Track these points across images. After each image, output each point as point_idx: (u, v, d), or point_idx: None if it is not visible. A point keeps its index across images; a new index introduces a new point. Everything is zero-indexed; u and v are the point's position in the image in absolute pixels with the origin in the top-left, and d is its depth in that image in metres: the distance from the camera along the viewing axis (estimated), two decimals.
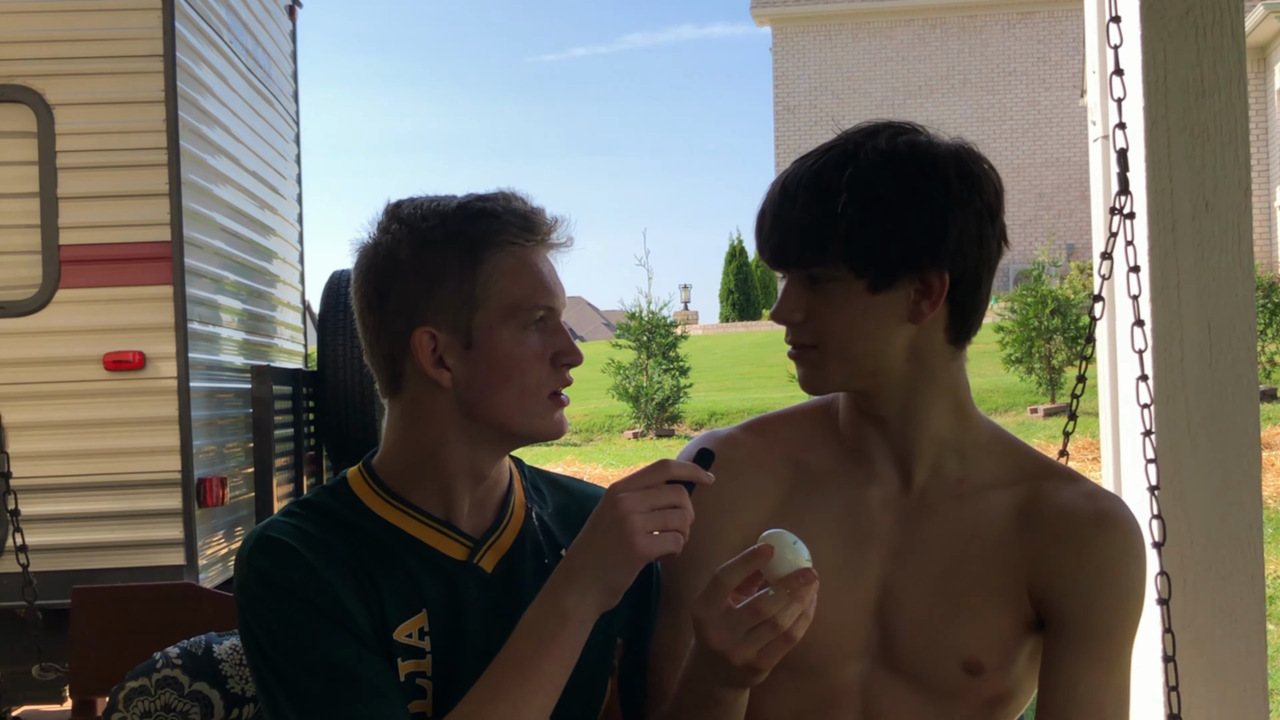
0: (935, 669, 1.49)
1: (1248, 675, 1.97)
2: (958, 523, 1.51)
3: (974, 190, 1.46)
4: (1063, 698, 1.46)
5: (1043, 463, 1.55)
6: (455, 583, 1.47)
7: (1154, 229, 1.98)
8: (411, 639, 1.44)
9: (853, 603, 1.50)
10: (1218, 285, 1.97)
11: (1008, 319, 13.14)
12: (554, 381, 1.47)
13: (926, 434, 1.51)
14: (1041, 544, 1.49)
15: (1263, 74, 19.41)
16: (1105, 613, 1.48)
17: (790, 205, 1.44)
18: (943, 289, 1.44)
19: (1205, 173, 1.98)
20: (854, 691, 1.51)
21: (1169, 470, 1.98)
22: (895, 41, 29.78)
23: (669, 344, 14.23)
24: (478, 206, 1.46)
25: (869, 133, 1.46)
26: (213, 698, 1.66)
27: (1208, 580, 1.98)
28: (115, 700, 1.67)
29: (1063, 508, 1.49)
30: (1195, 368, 1.97)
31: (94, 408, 4.41)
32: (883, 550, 1.51)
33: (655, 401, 13.73)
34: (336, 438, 6.05)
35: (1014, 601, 1.49)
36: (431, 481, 1.49)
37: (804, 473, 1.55)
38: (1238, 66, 1.98)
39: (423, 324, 1.45)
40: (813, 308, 1.46)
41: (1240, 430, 1.98)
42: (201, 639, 1.71)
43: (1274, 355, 11.98)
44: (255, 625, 1.42)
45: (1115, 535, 1.49)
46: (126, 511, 4.36)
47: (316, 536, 1.44)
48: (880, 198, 1.42)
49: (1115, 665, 1.48)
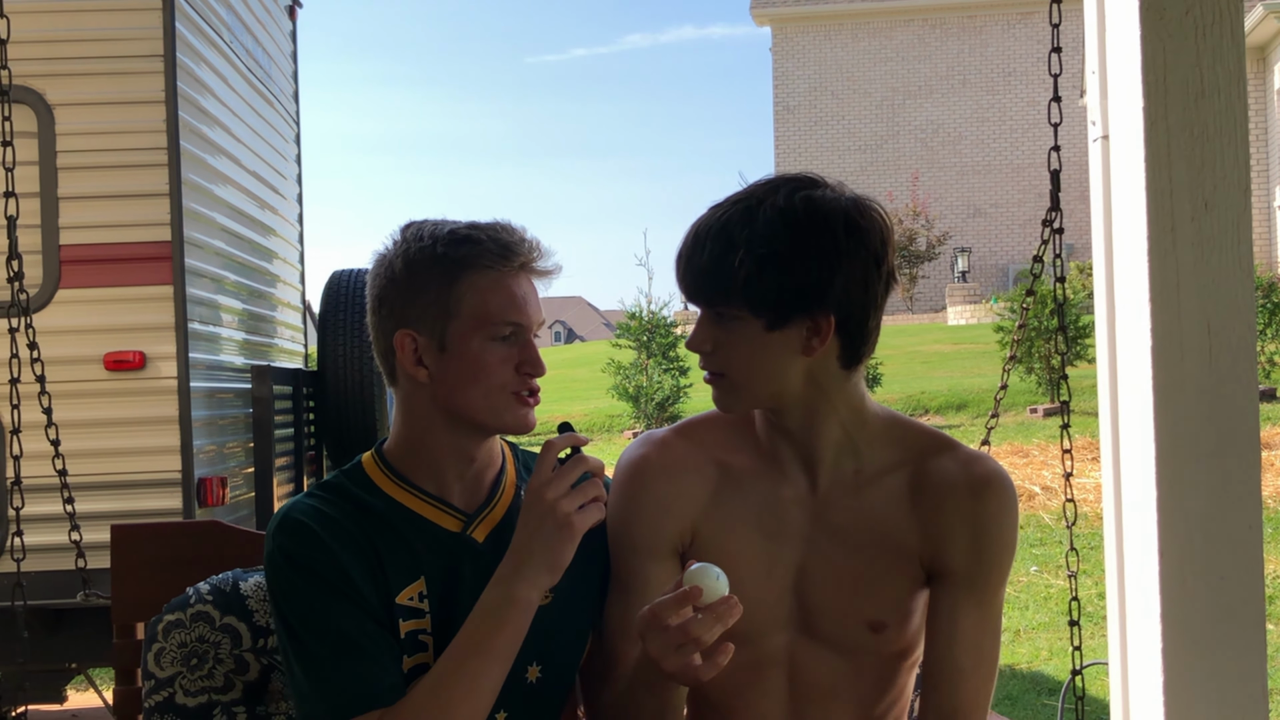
0: (846, 632, 1.77)
1: (1248, 675, 1.97)
2: (857, 510, 1.76)
3: (860, 243, 1.66)
4: (946, 636, 1.75)
5: (926, 437, 1.81)
6: (450, 552, 1.73)
7: (1153, 229, 1.98)
8: (412, 601, 1.70)
9: (773, 583, 1.76)
10: (1218, 285, 1.97)
11: (1008, 319, 13.14)
12: (517, 384, 1.71)
13: (825, 442, 1.75)
14: (929, 513, 1.75)
15: (1263, 74, 19.42)
16: (983, 564, 1.75)
17: (700, 252, 1.66)
18: (829, 329, 1.67)
19: (1205, 173, 1.98)
20: (780, 655, 1.78)
21: (1168, 470, 1.98)
22: (895, 41, 29.78)
23: (669, 344, 14.23)
24: (464, 233, 1.70)
25: (771, 188, 1.68)
26: (241, 629, 1.87)
27: (1208, 580, 1.97)
28: (154, 631, 1.88)
29: (944, 479, 1.76)
30: (1195, 368, 1.97)
31: (94, 408, 4.41)
32: (796, 539, 1.77)
33: (655, 401, 13.74)
34: (336, 437, 6.05)
35: (908, 568, 1.76)
36: (425, 462, 1.75)
37: (727, 473, 1.80)
38: (1238, 66, 1.98)
39: (405, 327, 1.71)
40: (719, 340, 1.69)
41: (1240, 430, 1.98)
42: (229, 575, 1.92)
43: (1274, 355, 11.99)
44: (277, 592, 1.68)
45: (989, 497, 1.75)
46: (127, 511, 4.35)
47: (332, 516, 1.70)
48: (775, 252, 1.63)
49: (990, 606, 1.77)
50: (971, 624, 1.75)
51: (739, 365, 1.69)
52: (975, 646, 1.75)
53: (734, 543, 1.76)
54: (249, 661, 1.86)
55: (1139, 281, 2.00)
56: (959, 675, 1.74)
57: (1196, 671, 1.97)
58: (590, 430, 14.28)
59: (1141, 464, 2.00)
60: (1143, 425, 2.00)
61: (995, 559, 1.76)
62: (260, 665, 1.87)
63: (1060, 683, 5.61)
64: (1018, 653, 6.14)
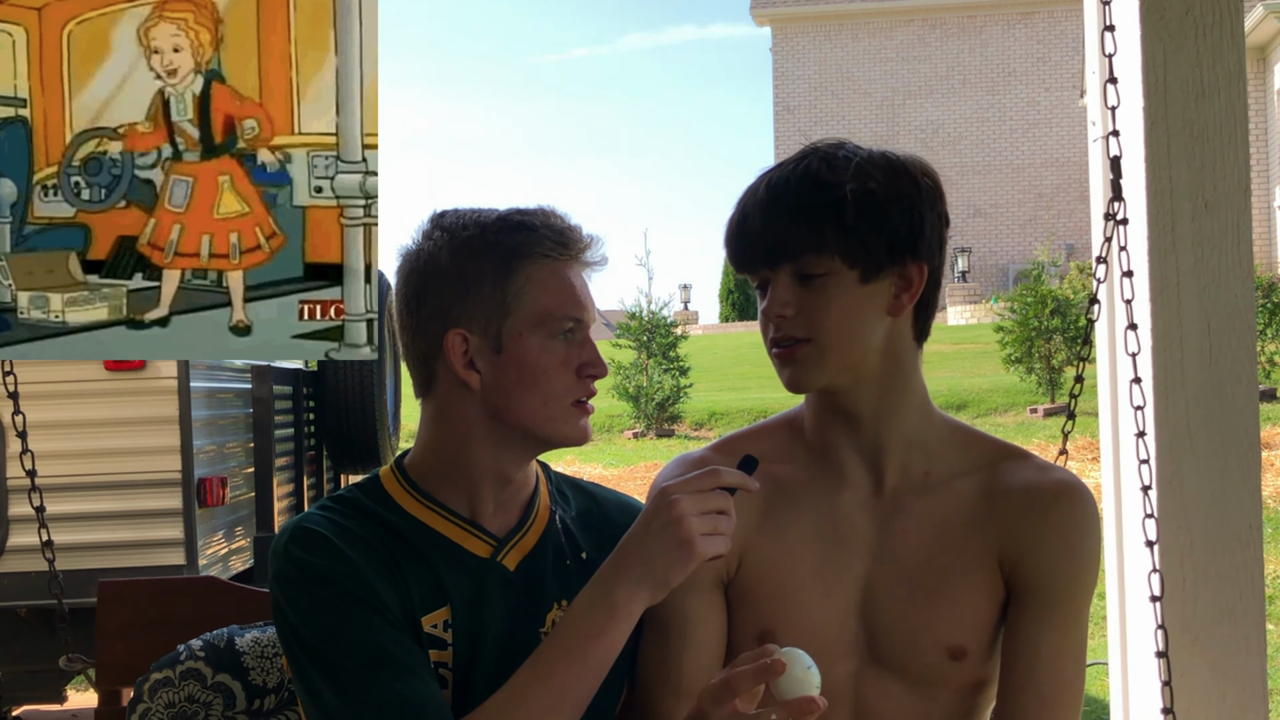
0: (920, 659, 1.56)
1: (1248, 675, 1.97)
2: (928, 515, 1.58)
3: (937, 195, 1.56)
4: (1027, 659, 1.55)
5: (997, 446, 1.64)
6: (478, 579, 1.54)
7: (1153, 229, 1.98)
8: (436, 629, 1.51)
9: (836, 605, 1.56)
10: (1218, 285, 1.98)
11: (1008, 319, 13.13)
12: (578, 390, 1.54)
13: (897, 432, 1.58)
14: (1007, 521, 1.57)
15: (1263, 74, 19.41)
16: (1066, 578, 1.56)
17: (783, 205, 1.51)
18: (921, 281, 1.54)
19: (1205, 173, 1.98)
20: (845, 689, 1.56)
21: (1168, 470, 1.99)
22: (895, 41, 29.78)
23: (669, 344, 14.22)
24: (516, 219, 1.53)
25: (834, 145, 1.55)
26: (235, 689, 1.71)
27: (1208, 580, 1.98)
28: (140, 691, 1.72)
29: (1022, 484, 1.58)
30: (1195, 368, 1.98)
31: (94, 408, 4.41)
32: (860, 551, 1.57)
33: (655, 401, 13.73)
34: (336, 438, 6.05)
35: (988, 583, 1.57)
36: (458, 481, 1.56)
37: (778, 486, 1.60)
38: (1238, 67, 1.98)
39: (456, 326, 1.52)
40: (804, 302, 1.52)
41: (1240, 430, 1.98)
42: (224, 632, 1.76)
43: (1274, 355, 11.98)
44: (292, 613, 1.48)
45: (1072, 504, 1.58)
46: (126, 511, 4.35)
47: (349, 528, 1.51)
48: (871, 192, 1.50)
49: (1073, 627, 1.57)
50: (1054, 647, 1.55)
51: (830, 327, 1.51)
52: (1058, 672, 1.55)
53: (790, 563, 1.57)
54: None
55: (1139, 281, 2.01)
56: (1040, 704, 1.54)
57: (1196, 671, 1.97)
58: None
59: (1142, 464, 2.00)
60: (1143, 425, 2.00)
61: (1080, 574, 1.58)
62: None
63: None
64: None
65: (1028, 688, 1.54)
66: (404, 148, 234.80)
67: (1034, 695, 1.54)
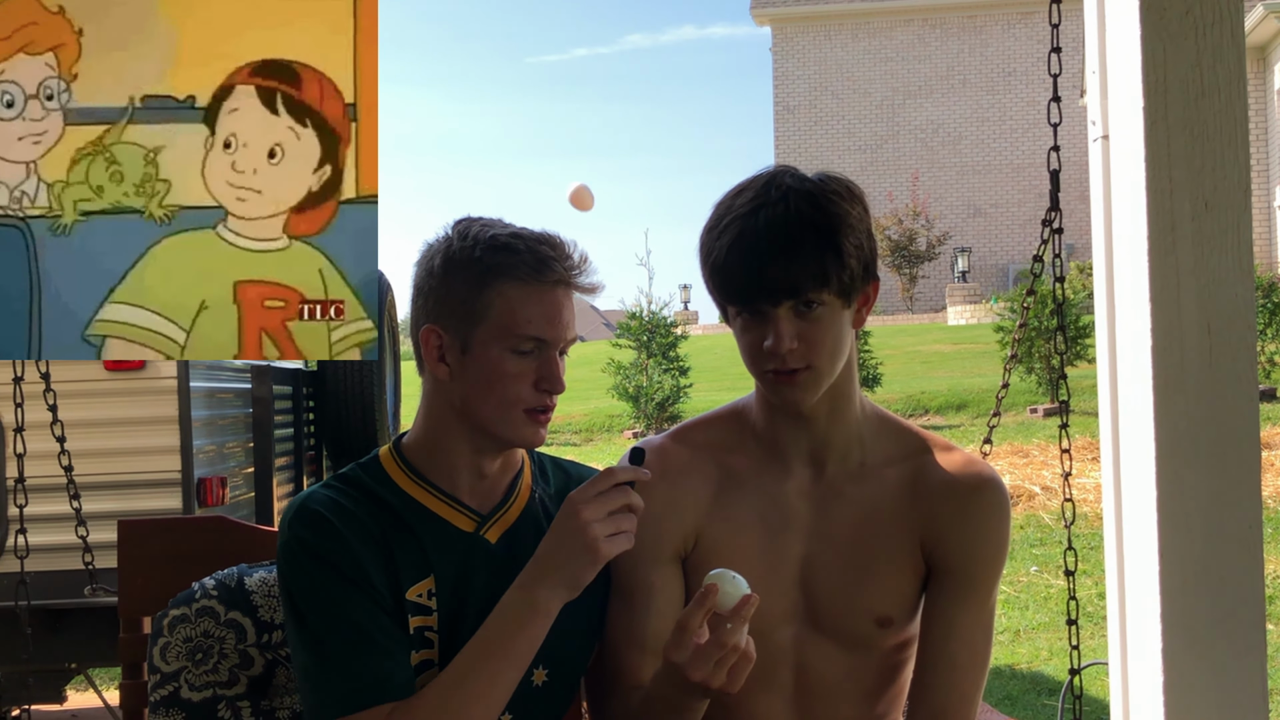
0: (852, 626, 1.79)
1: (1248, 675, 1.97)
2: (861, 501, 1.79)
3: (869, 210, 1.75)
4: (942, 631, 1.78)
5: (922, 438, 1.84)
6: (462, 552, 1.74)
7: (1153, 229, 1.98)
8: (421, 598, 1.71)
9: (779, 578, 1.77)
10: (1218, 285, 1.97)
11: (1008, 319, 13.14)
12: (532, 400, 1.71)
13: (842, 428, 1.78)
14: (930, 509, 1.78)
15: (1263, 74, 19.42)
16: (980, 561, 1.79)
17: (790, 247, 1.65)
18: (876, 293, 1.74)
19: (1205, 173, 1.98)
20: (787, 650, 1.79)
21: (1168, 470, 1.99)
22: (895, 41, 29.79)
23: (669, 344, 14.24)
24: (504, 240, 1.70)
25: (793, 178, 1.70)
26: (245, 624, 1.87)
27: (1207, 580, 1.97)
28: (160, 626, 1.89)
29: (944, 477, 1.79)
30: (1195, 368, 1.97)
31: (94, 408, 4.41)
32: (800, 532, 1.79)
33: (655, 401, 13.74)
34: (336, 438, 6.05)
35: (911, 561, 1.79)
36: (442, 462, 1.76)
37: (728, 473, 1.81)
38: (1238, 66, 1.98)
39: (432, 321, 1.73)
40: (804, 333, 1.68)
41: (1240, 430, 1.98)
42: (234, 571, 1.92)
43: (1274, 355, 12.00)
44: (290, 582, 1.69)
45: (988, 496, 1.79)
46: (127, 511, 4.36)
47: (347, 508, 1.70)
48: (853, 227, 1.68)
49: (984, 604, 1.80)
50: (967, 621, 1.78)
51: (826, 353, 1.70)
52: (969, 642, 1.78)
53: (738, 541, 1.77)
54: (253, 656, 1.87)
55: (1139, 281, 2.01)
56: (953, 670, 1.78)
57: (1196, 671, 1.97)
58: (590, 430, 14.29)
59: (1141, 464, 2.00)
60: (1143, 425, 2.00)
61: (992, 558, 1.80)
62: (265, 660, 1.87)
63: (1060, 683, 5.62)
64: (1018, 653, 6.14)
65: (943, 656, 1.77)
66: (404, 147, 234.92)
67: (948, 663, 1.77)
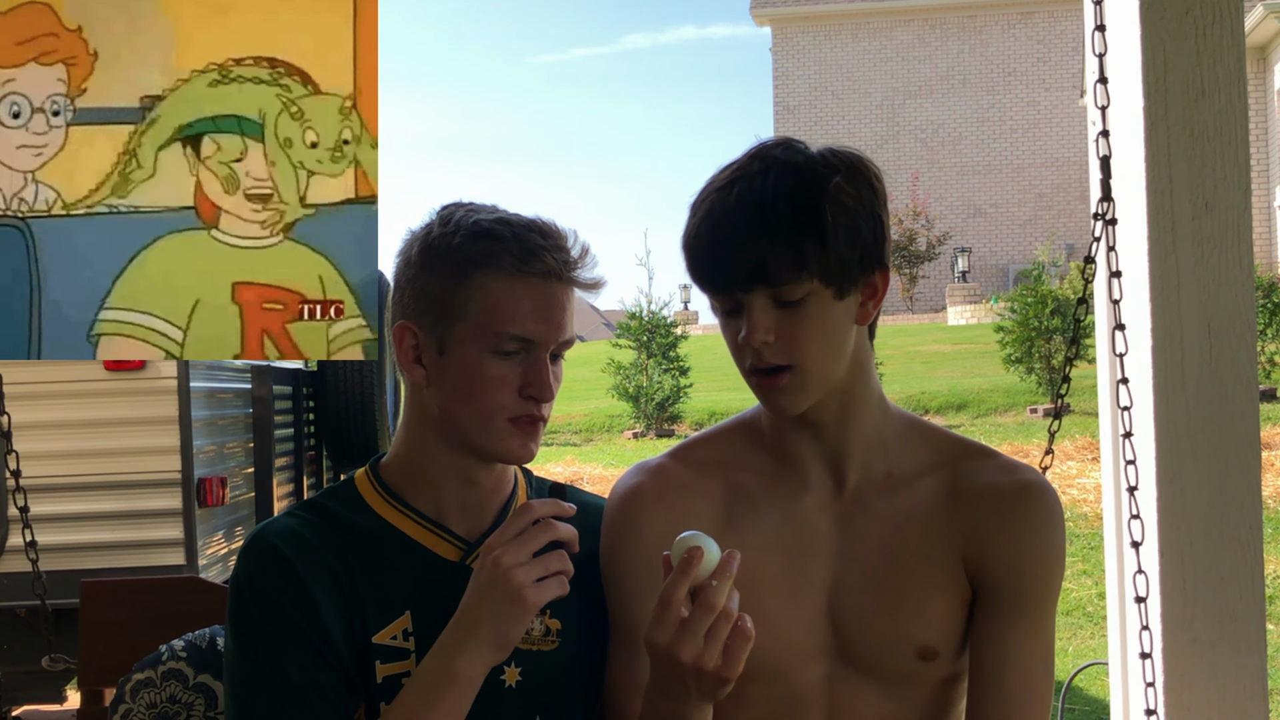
0: (891, 660, 1.54)
1: (1248, 675, 1.97)
2: (891, 515, 1.55)
3: (885, 195, 1.50)
4: (995, 663, 1.52)
5: (959, 443, 1.61)
6: (447, 584, 1.50)
7: (1153, 229, 1.98)
8: (395, 641, 1.49)
9: (803, 608, 1.53)
10: (1218, 285, 1.97)
11: (1008, 319, 13.14)
12: (517, 408, 1.48)
13: (859, 434, 1.55)
14: (971, 521, 1.54)
15: (1263, 74, 19.40)
16: (1032, 581, 1.54)
17: (760, 225, 1.42)
18: (885, 287, 1.50)
19: (1205, 173, 1.98)
20: (817, 691, 1.54)
21: (1168, 470, 1.99)
22: (895, 41, 29.77)
23: (669, 344, 14.23)
24: (487, 227, 1.48)
25: (788, 150, 1.47)
26: (216, 689, 1.69)
27: (1207, 580, 1.98)
28: (122, 692, 1.71)
29: (986, 484, 1.55)
30: (1195, 368, 1.98)
31: (94, 408, 4.41)
32: (824, 554, 1.54)
33: (655, 401, 13.74)
34: (336, 438, 6.05)
35: (954, 582, 1.54)
36: (424, 482, 1.53)
37: (738, 492, 1.57)
38: (1238, 67, 1.98)
39: (407, 318, 1.51)
40: (783, 327, 1.45)
41: (1240, 430, 1.98)
42: (206, 632, 1.75)
43: (1274, 355, 12.00)
44: (232, 618, 1.48)
45: (1037, 505, 1.55)
46: (127, 511, 4.36)
47: (309, 541, 1.49)
48: (847, 208, 1.44)
49: (1041, 629, 1.55)
50: (1022, 649, 1.53)
51: (811, 350, 1.46)
52: (1026, 673, 1.53)
53: (754, 568, 1.48)
54: None
55: (1139, 281, 2.01)
56: (1010, 706, 1.52)
57: (1196, 671, 1.97)
58: (590, 431, 14.27)
59: (1142, 464, 2.00)
60: (1143, 425, 2.00)
61: (1045, 575, 1.55)
62: None
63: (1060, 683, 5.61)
64: None
65: (997, 692, 1.52)
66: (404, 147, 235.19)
67: (1004, 698, 1.52)
